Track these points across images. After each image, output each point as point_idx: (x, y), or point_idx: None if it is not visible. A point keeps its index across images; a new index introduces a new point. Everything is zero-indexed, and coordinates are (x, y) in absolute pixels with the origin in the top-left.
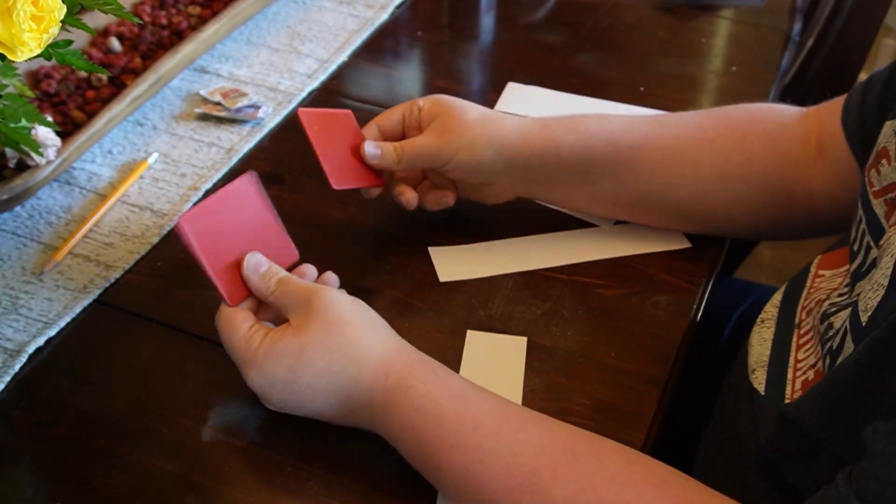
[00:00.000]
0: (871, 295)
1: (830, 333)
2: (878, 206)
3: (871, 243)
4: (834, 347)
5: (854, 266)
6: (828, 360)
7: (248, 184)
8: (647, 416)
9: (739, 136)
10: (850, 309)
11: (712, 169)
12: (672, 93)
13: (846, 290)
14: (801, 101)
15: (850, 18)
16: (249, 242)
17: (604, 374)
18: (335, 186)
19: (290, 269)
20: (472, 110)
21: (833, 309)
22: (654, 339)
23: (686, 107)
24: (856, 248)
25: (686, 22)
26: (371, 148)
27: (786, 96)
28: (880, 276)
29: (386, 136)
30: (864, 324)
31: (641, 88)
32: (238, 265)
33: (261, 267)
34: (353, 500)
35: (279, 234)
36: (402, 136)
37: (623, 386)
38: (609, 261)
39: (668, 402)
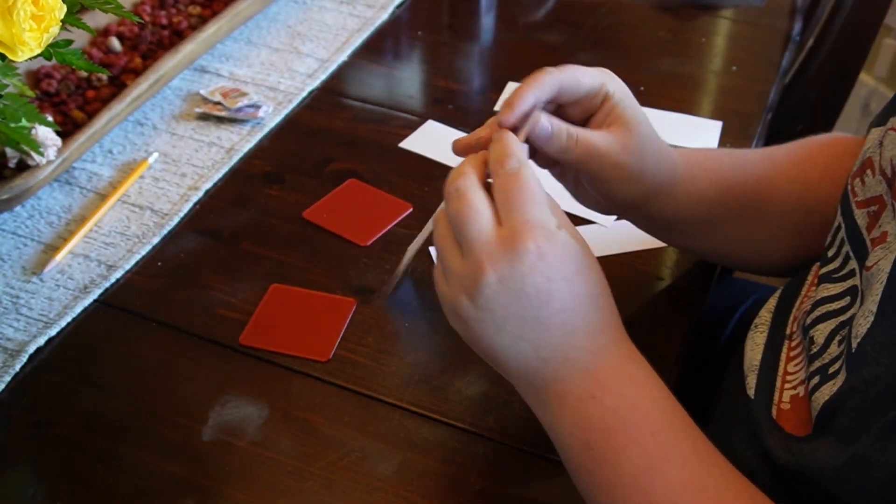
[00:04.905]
0: (861, 321)
1: (815, 350)
2: (861, 217)
3: (851, 253)
4: (830, 372)
5: (826, 269)
6: (816, 379)
7: None
8: None
9: (804, 210)
10: (830, 322)
11: (771, 225)
12: (672, 93)
13: (813, 292)
14: (800, 101)
15: (850, 18)
16: None
17: None
18: (363, 244)
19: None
20: (653, 135)
21: (810, 321)
22: (654, 339)
23: (686, 106)
24: (830, 253)
25: (686, 22)
26: (546, 122)
27: (786, 96)
28: (870, 303)
29: (561, 111)
30: (853, 350)
31: (641, 88)
32: None
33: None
34: (353, 500)
35: None
36: (566, 113)
37: None
38: (609, 260)
39: None
